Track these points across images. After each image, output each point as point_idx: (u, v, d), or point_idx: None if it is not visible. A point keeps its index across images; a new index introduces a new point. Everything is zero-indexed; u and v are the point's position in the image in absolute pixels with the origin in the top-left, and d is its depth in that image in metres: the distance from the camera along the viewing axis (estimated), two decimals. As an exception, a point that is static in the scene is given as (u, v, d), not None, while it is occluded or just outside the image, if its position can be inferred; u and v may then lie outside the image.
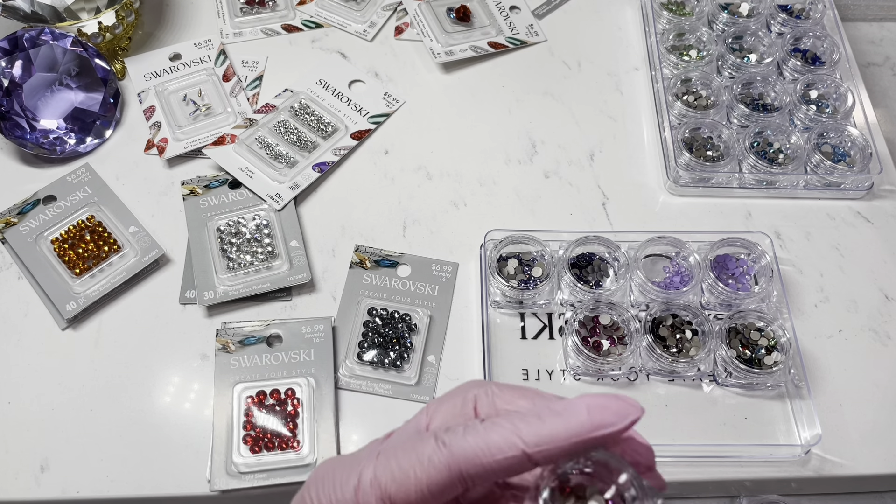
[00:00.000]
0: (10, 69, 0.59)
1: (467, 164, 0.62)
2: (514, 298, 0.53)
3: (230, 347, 0.51)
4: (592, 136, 0.64)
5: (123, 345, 0.53)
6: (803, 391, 0.50)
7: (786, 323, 0.52)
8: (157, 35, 0.69)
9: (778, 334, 0.51)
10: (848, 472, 0.49)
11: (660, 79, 0.65)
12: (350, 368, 0.51)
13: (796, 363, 0.51)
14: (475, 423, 0.26)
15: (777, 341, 0.51)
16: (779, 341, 0.51)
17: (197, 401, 0.51)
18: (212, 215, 0.57)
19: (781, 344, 0.51)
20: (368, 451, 0.29)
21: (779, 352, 0.51)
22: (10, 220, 0.56)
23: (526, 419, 0.25)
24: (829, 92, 0.64)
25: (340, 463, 0.29)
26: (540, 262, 0.54)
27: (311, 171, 0.60)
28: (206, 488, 0.47)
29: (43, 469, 0.48)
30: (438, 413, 0.29)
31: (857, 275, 0.57)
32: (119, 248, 0.55)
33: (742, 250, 0.55)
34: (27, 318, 0.54)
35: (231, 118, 0.63)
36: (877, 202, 0.61)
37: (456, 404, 0.29)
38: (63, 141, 0.61)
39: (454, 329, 0.54)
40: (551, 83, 0.67)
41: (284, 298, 0.55)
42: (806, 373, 0.51)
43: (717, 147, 0.61)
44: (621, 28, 0.71)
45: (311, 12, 0.71)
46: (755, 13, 0.69)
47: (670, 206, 0.60)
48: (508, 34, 0.70)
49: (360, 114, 0.64)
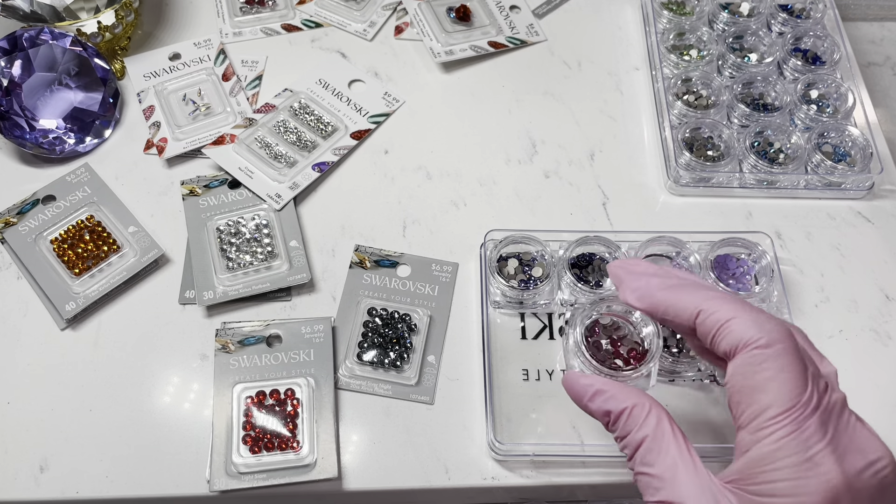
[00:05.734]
0: (9, 69, 0.59)
1: (467, 164, 0.62)
2: (514, 298, 0.53)
3: (230, 347, 0.51)
4: (592, 135, 0.64)
5: (123, 345, 0.53)
6: (804, 391, 0.50)
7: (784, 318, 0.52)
8: (157, 35, 0.69)
9: (778, 334, 0.51)
10: (848, 473, 0.49)
11: (660, 78, 0.65)
12: (350, 368, 0.51)
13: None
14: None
15: (777, 341, 0.51)
16: (779, 341, 0.51)
17: (196, 401, 0.51)
18: (211, 215, 0.57)
19: (782, 344, 0.51)
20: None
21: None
22: (9, 220, 0.56)
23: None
24: (829, 92, 0.64)
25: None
26: (540, 262, 0.54)
27: (311, 170, 0.60)
28: (205, 488, 0.47)
29: (42, 469, 0.48)
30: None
31: (858, 275, 0.57)
32: (118, 248, 0.55)
33: (743, 250, 0.55)
34: (27, 318, 0.53)
35: (231, 118, 0.63)
36: (877, 202, 0.61)
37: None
38: (62, 141, 0.61)
39: (454, 329, 0.54)
40: (551, 83, 0.67)
41: (284, 298, 0.55)
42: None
43: (718, 147, 0.61)
44: (621, 28, 0.71)
45: (311, 12, 0.71)
46: (755, 13, 0.69)
47: (670, 205, 0.60)
48: (508, 34, 0.70)
49: (359, 113, 0.64)
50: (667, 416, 0.37)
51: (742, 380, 0.34)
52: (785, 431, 0.32)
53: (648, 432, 0.36)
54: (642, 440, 0.36)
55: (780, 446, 0.32)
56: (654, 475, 0.35)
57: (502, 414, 0.50)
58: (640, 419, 0.36)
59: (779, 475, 0.32)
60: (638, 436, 0.36)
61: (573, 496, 0.50)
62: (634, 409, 0.37)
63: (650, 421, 0.36)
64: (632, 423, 0.37)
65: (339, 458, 0.48)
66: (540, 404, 0.50)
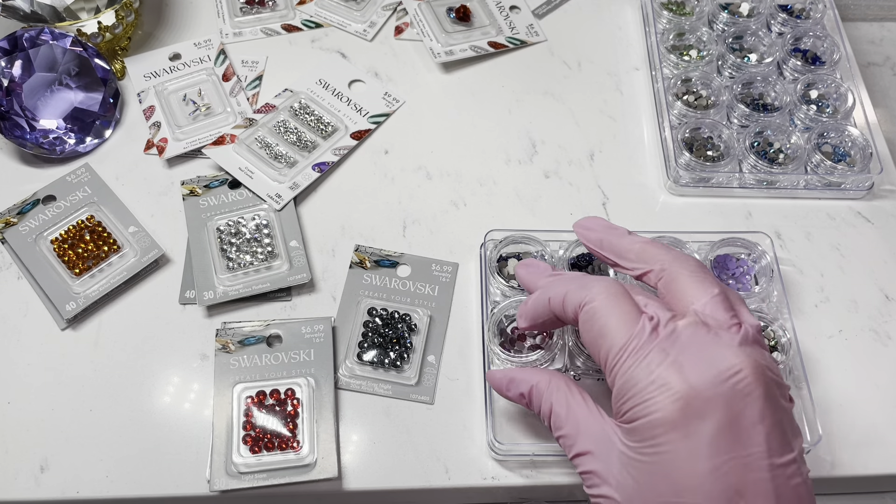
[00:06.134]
0: (9, 69, 0.59)
1: (467, 164, 0.62)
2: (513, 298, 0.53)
3: (230, 347, 0.51)
4: (592, 136, 0.64)
5: (123, 345, 0.53)
6: (803, 391, 0.50)
7: (786, 323, 0.52)
8: (157, 35, 0.69)
9: (778, 334, 0.51)
10: (848, 473, 0.49)
11: (660, 79, 0.65)
12: (350, 368, 0.51)
13: (796, 363, 0.51)
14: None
15: (777, 341, 0.51)
16: (779, 341, 0.51)
17: (197, 401, 0.51)
18: (211, 215, 0.57)
19: (782, 344, 0.51)
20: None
21: (779, 352, 0.51)
22: (9, 220, 0.56)
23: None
24: (829, 92, 0.64)
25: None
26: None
27: (311, 170, 0.60)
28: (205, 488, 0.47)
29: (42, 469, 0.48)
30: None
31: (858, 275, 0.57)
32: (119, 248, 0.55)
33: (742, 250, 0.55)
34: (27, 318, 0.54)
35: (231, 118, 0.63)
36: (877, 202, 0.61)
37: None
38: (63, 141, 0.61)
39: (454, 329, 0.54)
40: (551, 83, 0.67)
41: (284, 298, 0.55)
42: (806, 373, 0.51)
43: (718, 147, 0.61)
44: (621, 28, 0.71)
45: (311, 12, 0.71)
46: (755, 13, 0.69)
47: (670, 206, 0.60)
48: (508, 34, 0.70)
49: (359, 114, 0.64)
50: (564, 381, 0.42)
51: (586, 335, 0.39)
52: (628, 364, 0.37)
53: (552, 399, 0.41)
54: (550, 409, 0.41)
55: (628, 377, 0.36)
56: (565, 435, 0.40)
57: (502, 414, 0.50)
58: (542, 392, 0.42)
59: (634, 401, 0.36)
60: (545, 407, 0.41)
61: (573, 496, 0.50)
62: (539, 384, 0.42)
63: (550, 390, 0.41)
64: (538, 397, 0.42)
65: (339, 458, 0.48)
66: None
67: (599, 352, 0.39)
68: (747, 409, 0.35)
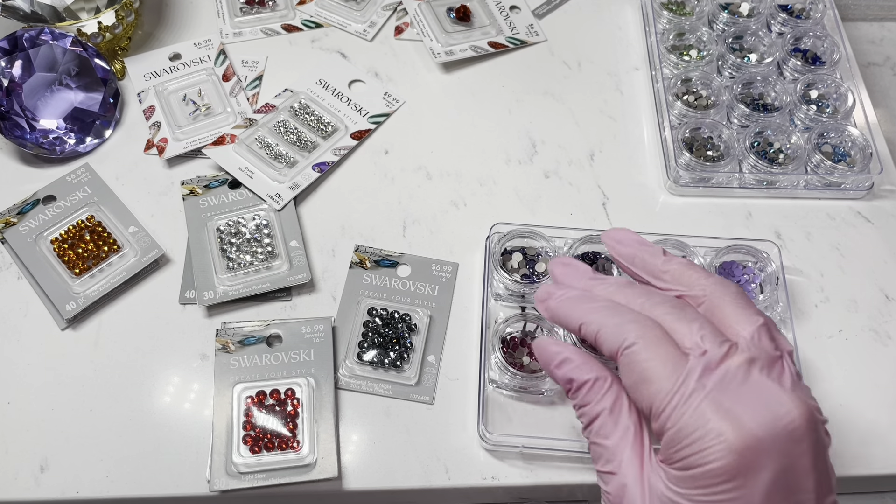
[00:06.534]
0: (9, 69, 0.59)
1: (467, 164, 0.62)
2: (516, 292, 0.53)
3: (230, 347, 0.51)
4: (592, 135, 0.64)
5: (123, 345, 0.53)
6: (803, 391, 0.50)
7: (786, 323, 0.52)
8: (157, 35, 0.69)
9: (778, 334, 0.51)
10: (848, 472, 0.49)
11: (660, 79, 0.65)
12: (350, 368, 0.51)
13: (796, 363, 0.51)
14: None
15: (777, 341, 0.51)
16: (779, 341, 0.51)
17: (197, 401, 0.51)
18: (211, 215, 0.57)
19: (782, 344, 0.51)
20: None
21: (779, 352, 0.50)
22: (9, 220, 0.56)
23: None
24: (829, 92, 0.64)
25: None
26: (545, 257, 0.54)
27: (311, 170, 0.60)
28: (205, 488, 0.47)
29: (42, 469, 0.48)
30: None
31: (858, 275, 0.57)
32: (119, 248, 0.55)
33: (748, 258, 0.55)
34: (27, 318, 0.54)
35: (231, 118, 0.63)
36: (877, 202, 0.61)
37: None
38: (63, 141, 0.61)
39: (454, 329, 0.54)
40: (551, 83, 0.67)
41: (284, 298, 0.55)
42: (806, 373, 0.51)
43: (718, 147, 0.61)
44: (621, 28, 0.71)
45: (311, 12, 0.71)
46: (755, 13, 0.69)
47: (670, 206, 0.60)
48: (508, 34, 0.70)
49: (359, 114, 0.64)
50: (626, 394, 0.39)
51: (627, 379, 0.37)
52: (680, 412, 0.35)
53: (606, 406, 0.38)
54: (599, 413, 0.38)
55: (682, 426, 0.35)
56: (606, 446, 0.38)
57: (495, 406, 0.50)
58: (600, 393, 0.39)
59: (689, 450, 0.34)
60: (596, 409, 0.39)
61: (573, 496, 0.50)
62: (597, 382, 0.39)
63: (609, 396, 0.38)
64: (592, 396, 0.39)
65: (339, 458, 0.48)
66: (534, 399, 0.50)
67: (642, 397, 0.37)
68: (801, 458, 0.34)
